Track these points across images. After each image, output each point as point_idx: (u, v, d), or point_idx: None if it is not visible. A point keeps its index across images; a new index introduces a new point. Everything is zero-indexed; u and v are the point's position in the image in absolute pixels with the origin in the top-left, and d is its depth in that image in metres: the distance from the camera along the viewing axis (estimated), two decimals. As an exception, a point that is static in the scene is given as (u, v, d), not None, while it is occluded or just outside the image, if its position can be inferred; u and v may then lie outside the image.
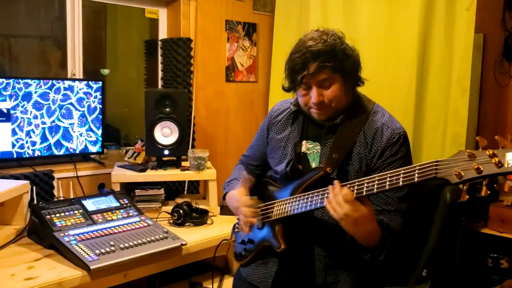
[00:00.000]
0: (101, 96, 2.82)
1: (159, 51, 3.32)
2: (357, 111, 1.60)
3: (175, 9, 3.29)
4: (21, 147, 2.56)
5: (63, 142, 2.71)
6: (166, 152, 2.65)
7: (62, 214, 2.13)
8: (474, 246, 2.79)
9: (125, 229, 2.14)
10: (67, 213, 2.15)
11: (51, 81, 2.63)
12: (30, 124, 2.58)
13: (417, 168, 1.28)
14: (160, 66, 3.33)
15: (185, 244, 2.13)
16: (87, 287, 1.84)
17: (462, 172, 1.18)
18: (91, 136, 2.81)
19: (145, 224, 2.22)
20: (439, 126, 2.71)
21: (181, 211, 2.45)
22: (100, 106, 2.83)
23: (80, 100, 2.74)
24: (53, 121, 2.66)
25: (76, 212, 2.18)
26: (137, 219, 2.25)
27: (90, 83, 2.78)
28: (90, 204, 2.26)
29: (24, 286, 1.69)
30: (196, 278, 2.44)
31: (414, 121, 2.75)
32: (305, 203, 1.52)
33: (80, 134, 2.77)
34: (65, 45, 2.95)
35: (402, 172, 1.30)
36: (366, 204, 1.38)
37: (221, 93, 3.50)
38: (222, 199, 1.90)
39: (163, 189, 2.69)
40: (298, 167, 1.65)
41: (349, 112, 1.59)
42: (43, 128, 2.63)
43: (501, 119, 3.36)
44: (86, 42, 3.02)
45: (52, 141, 2.67)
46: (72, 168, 2.73)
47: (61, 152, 2.72)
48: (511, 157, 1.13)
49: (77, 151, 2.78)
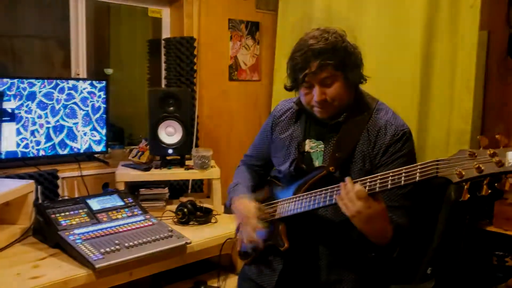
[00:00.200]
0: (105, 96, 2.83)
1: (162, 51, 3.32)
2: (360, 109, 1.60)
3: (178, 8, 3.29)
4: (26, 146, 2.56)
5: (68, 142, 2.72)
6: (170, 151, 2.66)
7: (67, 213, 2.14)
8: (479, 244, 2.78)
9: (129, 228, 2.14)
10: (72, 212, 2.16)
11: (55, 80, 2.64)
12: (34, 123, 2.58)
13: (419, 167, 1.29)
14: (163, 65, 3.33)
15: (190, 243, 2.13)
16: (92, 286, 1.85)
17: (463, 171, 1.19)
18: (95, 136, 2.82)
19: (150, 223, 2.22)
20: (443, 123, 2.70)
21: (185, 210, 2.45)
22: (104, 105, 2.83)
23: (84, 100, 2.75)
24: (57, 121, 2.67)
25: (81, 211, 2.19)
26: (141, 218, 2.26)
27: (94, 82, 2.79)
28: (94, 203, 2.26)
29: (30, 285, 1.70)
30: (200, 277, 2.44)
31: (419, 119, 2.74)
32: (308, 202, 1.53)
33: (84, 134, 2.78)
34: (69, 45, 2.96)
35: (404, 172, 1.31)
36: (379, 200, 1.38)
37: (225, 92, 3.50)
38: (227, 205, 1.90)
39: (167, 188, 2.69)
40: (302, 167, 1.65)
41: (352, 110, 1.59)
42: (48, 128, 2.64)
43: (505, 116, 3.35)
44: (90, 42, 3.04)
45: (56, 140, 2.68)
46: (77, 168, 2.74)
47: (66, 152, 2.72)
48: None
49: (82, 151, 2.78)
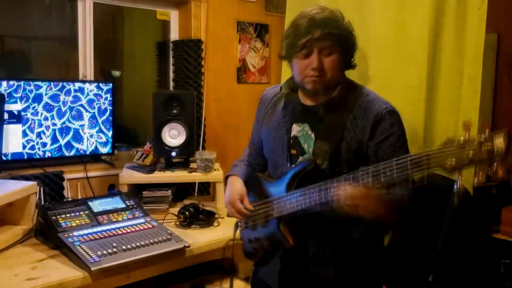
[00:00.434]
0: (111, 98, 2.85)
1: (170, 53, 3.34)
2: (346, 95, 1.59)
3: (186, 10, 3.30)
4: (32, 148, 2.60)
5: (74, 144, 2.74)
6: (173, 153, 2.67)
7: (68, 215, 2.16)
8: (486, 251, 2.72)
9: (129, 230, 2.15)
10: (72, 214, 2.18)
11: (61, 83, 2.67)
12: (40, 125, 2.62)
13: (409, 160, 1.28)
14: (171, 67, 3.34)
15: (188, 246, 2.13)
16: (89, 288, 1.86)
17: (454, 161, 1.19)
18: (101, 138, 2.84)
19: (150, 226, 2.23)
20: (449, 127, 2.65)
21: (187, 213, 2.45)
22: (111, 107, 2.85)
23: (90, 102, 2.78)
24: (64, 123, 2.70)
25: (82, 213, 2.20)
26: (142, 220, 2.27)
27: (101, 85, 2.81)
28: (96, 205, 2.28)
29: (25, 286, 1.72)
30: (200, 279, 2.44)
31: (425, 122, 2.70)
32: (303, 200, 1.53)
33: (91, 136, 2.80)
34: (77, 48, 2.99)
35: (395, 164, 1.31)
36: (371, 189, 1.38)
37: (233, 94, 3.50)
38: (225, 179, 1.91)
39: (170, 191, 2.70)
40: (292, 152, 1.66)
41: (341, 94, 1.58)
42: (54, 130, 2.67)
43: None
44: (101, 45, 3.06)
45: (62, 142, 2.70)
46: (82, 169, 2.77)
47: (72, 153, 2.75)
48: (501, 139, 1.13)
49: (87, 152, 2.81)
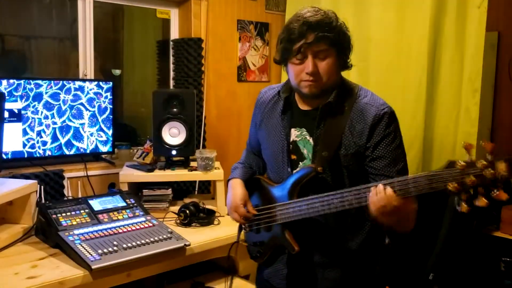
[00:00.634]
0: (111, 97, 2.85)
1: (171, 51, 3.34)
2: (343, 99, 1.58)
3: (186, 9, 3.30)
4: (32, 146, 2.60)
5: (74, 142, 2.75)
6: (173, 152, 2.67)
7: (68, 214, 2.15)
8: (486, 250, 2.72)
9: (129, 229, 2.15)
10: (73, 213, 2.17)
11: (61, 81, 2.67)
12: (41, 124, 2.62)
13: (411, 182, 1.31)
14: (171, 66, 3.34)
15: (189, 245, 2.13)
16: (89, 286, 1.86)
17: (456, 185, 1.22)
18: (101, 136, 2.84)
19: (150, 224, 2.23)
20: (450, 126, 2.67)
21: (187, 211, 2.45)
22: (111, 106, 2.85)
23: (90, 101, 2.78)
24: (64, 121, 2.70)
25: (82, 211, 2.20)
26: (142, 219, 2.27)
27: (101, 83, 2.81)
28: (96, 204, 2.28)
29: (26, 284, 1.72)
30: (199, 278, 2.44)
31: (425, 121, 2.71)
32: (306, 208, 1.55)
33: (91, 134, 2.80)
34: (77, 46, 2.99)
35: (396, 184, 1.33)
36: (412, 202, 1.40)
37: (233, 93, 3.50)
38: (227, 182, 1.91)
39: (170, 189, 2.70)
40: (292, 158, 1.66)
41: (338, 98, 1.57)
42: (54, 128, 2.67)
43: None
44: (101, 43, 3.06)
45: (62, 141, 2.70)
46: (83, 168, 2.77)
47: (72, 152, 2.75)
48: (503, 166, 1.15)
49: (88, 151, 2.81)
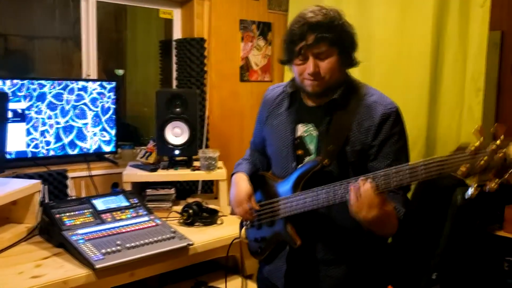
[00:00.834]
0: (114, 96, 2.86)
1: (173, 51, 3.34)
2: (350, 96, 1.58)
3: (189, 9, 3.30)
4: (36, 146, 2.61)
5: (77, 142, 2.75)
6: (176, 152, 2.67)
7: (72, 213, 2.16)
8: (489, 249, 2.72)
9: (133, 228, 2.16)
10: (76, 212, 2.18)
11: (65, 81, 2.68)
12: (44, 124, 2.62)
13: (422, 166, 1.27)
14: (174, 66, 3.35)
15: (192, 244, 2.13)
16: (93, 286, 1.87)
17: (466, 168, 1.18)
18: (104, 136, 2.85)
19: (153, 224, 2.23)
20: (453, 125, 2.66)
21: (190, 211, 2.46)
22: (114, 106, 2.86)
23: (93, 101, 2.78)
24: (67, 121, 2.70)
25: (85, 211, 2.21)
26: (145, 218, 2.27)
27: (104, 83, 2.82)
28: (100, 204, 2.28)
29: (30, 284, 1.72)
30: (203, 277, 2.44)
31: (428, 120, 2.71)
32: (311, 201, 1.53)
33: (94, 134, 2.81)
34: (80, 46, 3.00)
35: (408, 170, 1.31)
36: (387, 204, 1.38)
37: (236, 93, 3.51)
38: (230, 177, 1.91)
39: (174, 189, 2.70)
40: (298, 153, 1.66)
41: (343, 95, 1.57)
42: (57, 128, 2.67)
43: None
44: (104, 43, 3.07)
45: (66, 140, 2.71)
46: (86, 168, 2.78)
47: (75, 152, 2.76)
48: None
49: (91, 151, 2.82)
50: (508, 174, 1.15)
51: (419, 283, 2.26)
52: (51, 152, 2.67)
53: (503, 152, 1.14)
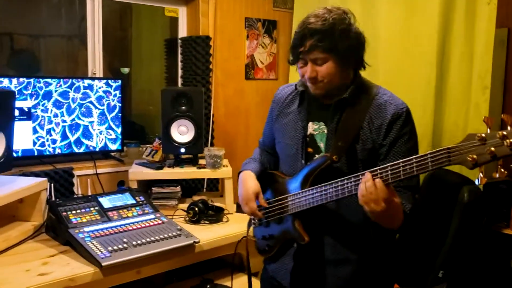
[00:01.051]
0: (120, 95, 2.86)
1: (179, 50, 3.35)
2: (361, 93, 1.59)
3: (194, 7, 3.30)
4: (42, 145, 2.62)
5: (83, 140, 2.76)
6: (182, 150, 2.67)
7: (78, 211, 2.17)
8: (496, 247, 2.71)
9: (139, 226, 2.16)
10: (83, 210, 2.19)
11: (71, 80, 2.68)
12: (50, 122, 2.63)
13: (429, 156, 1.27)
14: (179, 64, 3.35)
15: (198, 242, 2.14)
16: (100, 283, 1.87)
17: (476, 157, 1.17)
18: (110, 134, 2.85)
19: (160, 222, 2.23)
20: (459, 123, 2.65)
21: (196, 209, 2.46)
22: (120, 104, 2.87)
23: (99, 99, 2.79)
24: (73, 119, 2.71)
25: (92, 209, 2.22)
26: (152, 216, 2.28)
27: (110, 81, 2.83)
28: (106, 201, 2.29)
29: (37, 281, 1.73)
30: (209, 275, 2.44)
31: (434, 118, 2.70)
32: (319, 196, 1.54)
33: (100, 132, 2.82)
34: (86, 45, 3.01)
35: (415, 161, 1.30)
36: (395, 195, 1.39)
37: (241, 90, 3.51)
38: (238, 175, 1.91)
39: (179, 187, 2.71)
40: (308, 150, 1.66)
41: (353, 94, 1.58)
42: (63, 126, 2.68)
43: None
44: (110, 42, 3.07)
45: (72, 139, 2.72)
46: (92, 166, 2.78)
47: (81, 150, 2.77)
48: None
49: (97, 149, 2.83)
50: None
51: (425, 281, 2.25)
52: (57, 150, 2.68)
53: (509, 141, 1.13)
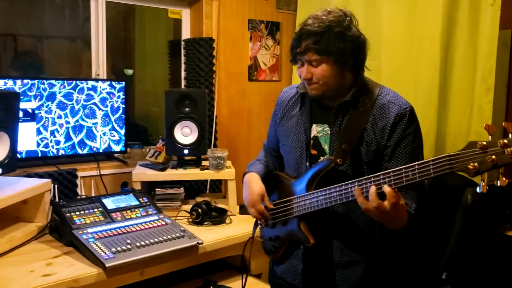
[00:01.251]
0: (124, 96, 2.87)
1: (182, 51, 3.35)
2: (363, 97, 1.59)
3: (197, 9, 3.31)
4: (46, 146, 2.62)
5: (87, 141, 2.77)
6: (185, 151, 2.68)
7: (82, 212, 2.17)
8: (500, 249, 2.71)
9: (142, 227, 2.17)
10: (86, 211, 2.19)
11: (74, 81, 2.69)
12: (54, 123, 2.64)
13: (431, 163, 1.28)
14: (183, 66, 3.36)
15: (201, 243, 2.14)
16: (103, 284, 1.87)
17: (477, 165, 1.18)
18: (114, 136, 2.86)
19: (163, 223, 2.24)
20: (463, 124, 2.65)
21: (199, 210, 2.47)
22: (123, 105, 2.87)
23: (103, 100, 2.80)
24: (77, 121, 2.72)
25: (95, 210, 2.22)
26: (155, 217, 2.28)
27: (113, 83, 2.83)
28: (109, 203, 2.29)
29: (41, 282, 1.73)
30: (212, 276, 2.44)
31: (437, 119, 2.70)
32: (323, 199, 1.54)
33: (104, 134, 2.82)
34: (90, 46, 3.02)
35: (417, 167, 1.31)
36: (400, 198, 1.38)
37: (244, 92, 3.51)
38: (243, 177, 1.91)
39: (183, 188, 2.71)
40: (312, 153, 1.67)
41: (356, 96, 1.58)
42: (67, 128, 2.69)
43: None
44: (114, 43, 3.08)
45: (76, 140, 2.73)
46: (96, 167, 2.79)
47: (85, 151, 2.77)
48: None
49: (101, 150, 2.83)
50: None
51: (428, 283, 2.25)
52: (61, 152, 2.68)
53: (510, 149, 1.13)
